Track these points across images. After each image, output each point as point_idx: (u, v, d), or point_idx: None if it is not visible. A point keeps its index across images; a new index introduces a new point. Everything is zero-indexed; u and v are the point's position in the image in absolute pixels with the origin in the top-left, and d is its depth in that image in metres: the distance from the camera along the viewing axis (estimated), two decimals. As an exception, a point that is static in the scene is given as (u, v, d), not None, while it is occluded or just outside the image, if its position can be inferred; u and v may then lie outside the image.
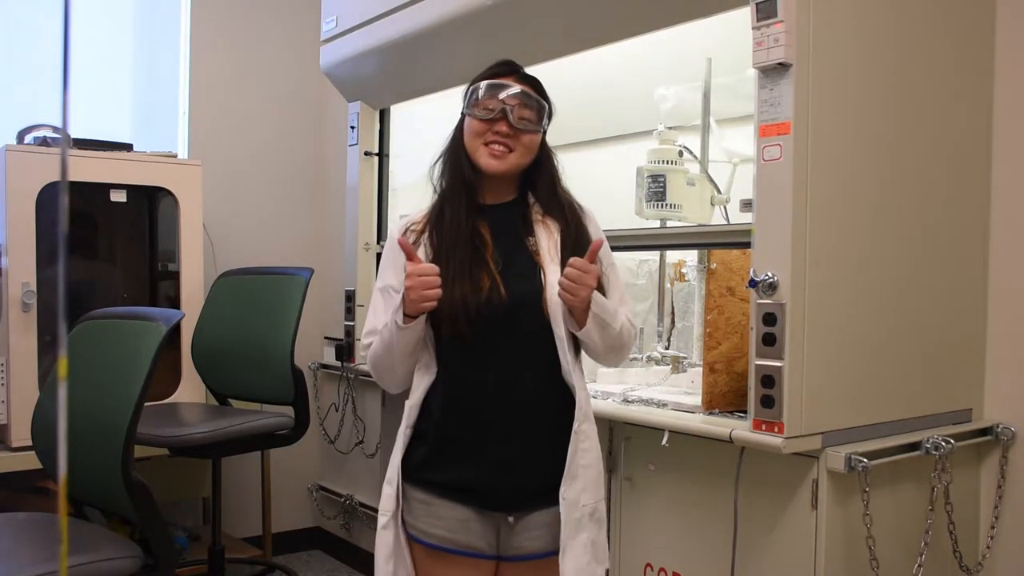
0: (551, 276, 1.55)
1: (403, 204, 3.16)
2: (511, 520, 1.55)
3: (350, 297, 3.16)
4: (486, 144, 1.57)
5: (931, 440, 1.80)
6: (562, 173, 1.67)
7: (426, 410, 1.57)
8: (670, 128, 2.35)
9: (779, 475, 1.77)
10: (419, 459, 1.57)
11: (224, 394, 3.03)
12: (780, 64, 1.66)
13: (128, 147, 3.04)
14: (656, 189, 2.26)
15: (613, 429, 2.11)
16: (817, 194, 1.69)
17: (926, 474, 1.82)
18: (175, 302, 3.10)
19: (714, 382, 1.94)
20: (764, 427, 1.69)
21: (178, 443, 2.51)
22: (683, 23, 2.04)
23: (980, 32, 2.03)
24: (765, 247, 1.71)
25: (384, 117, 3.19)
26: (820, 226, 1.70)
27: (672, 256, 2.47)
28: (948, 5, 1.97)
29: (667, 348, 2.40)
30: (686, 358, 2.31)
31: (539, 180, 1.64)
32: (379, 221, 3.20)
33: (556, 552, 1.54)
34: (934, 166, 1.95)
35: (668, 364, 2.34)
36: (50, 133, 2.85)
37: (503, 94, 1.57)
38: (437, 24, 2.52)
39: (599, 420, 1.68)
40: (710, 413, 1.93)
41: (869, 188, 1.81)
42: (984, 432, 1.97)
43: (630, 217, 2.36)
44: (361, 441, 3.49)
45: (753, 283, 1.69)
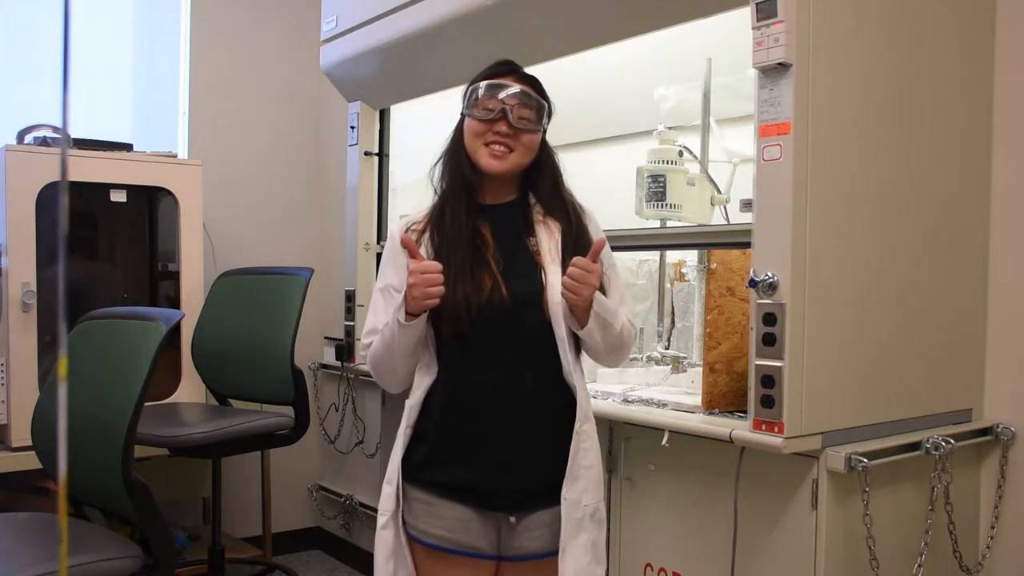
0: (552, 277, 1.55)
1: (403, 204, 3.16)
2: (512, 520, 1.55)
3: (350, 297, 3.16)
4: (486, 144, 1.57)
5: (931, 440, 1.80)
6: (564, 172, 1.67)
7: (427, 410, 1.57)
8: (670, 128, 2.35)
9: (779, 475, 1.77)
10: (419, 459, 1.57)
11: (224, 394, 3.03)
12: (780, 64, 1.66)
13: (128, 147, 3.04)
14: (656, 189, 2.26)
15: (613, 429, 2.11)
16: (817, 194, 1.69)
17: (926, 474, 1.82)
18: (175, 302, 3.10)
19: (714, 382, 1.94)
20: (764, 427, 1.69)
21: (178, 443, 2.52)
22: (683, 23, 2.04)
23: (980, 32, 2.03)
24: (765, 247, 1.71)
25: (384, 117, 3.19)
26: (820, 226, 1.70)
27: (672, 256, 2.47)
28: (948, 5, 1.97)
29: (667, 348, 2.40)
30: (686, 358, 2.31)
31: (540, 180, 1.64)
32: (379, 221, 3.20)
33: (557, 552, 1.54)
34: (934, 166, 1.95)
35: (668, 364, 2.34)
36: (50, 133, 2.85)
37: (503, 94, 1.57)
38: (437, 24, 2.52)
39: (599, 420, 1.68)
40: (710, 413, 1.93)
41: (869, 188, 1.81)
42: (984, 432, 1.97)
43: (630, 217, 2.36)
44: (361, 441, 3.49)
45: (753, 283, 1.69)
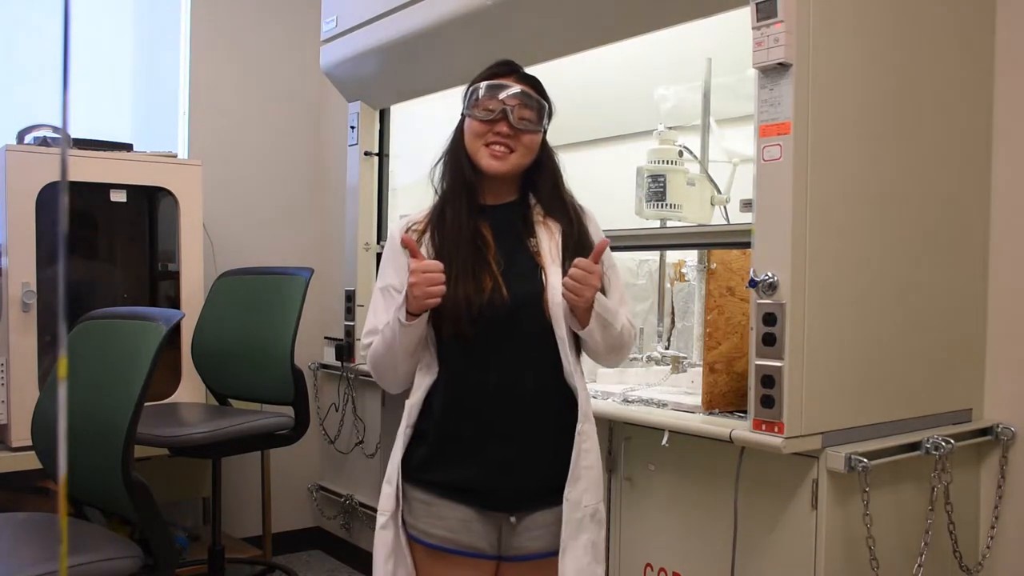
0: (552, 277, 1.55)
1: (403, 204, 3.16)
2: (513, 520, 1.55)
3: (350, 297, 3.16)
4: (487, 145, 1.57)
5: (931, 440, 1.80)
6: (564, 173, 1.67)
7: (427, 410, 1.57)
8: (670, 128, 2.35)
9: (779, 475, 1.77)
10: (420, 459, 1.57)
11: (224, 394, 3.03)
12: (780, 64, 1.66)
13: (128, 147, 3.04)
14: (656, 189, 2.26)
15: (613, 429, 2.11)
16: (817, 194, 1.69)
17: (926, 474, 1.82)
18: (175, 302, 3.10)
19: (714, 382, 1.94)
20: (764, 427, 1.69)
21: (178, 443, 2.52)
22: (683, 23, 2.05)
23: (980, 32, 2.03)
24: (765, 247, 1.71)
25: (384, 117, 3.19)
26: (820, 226, 1.70)
27: (672, 256, 2.47)
28: (948, 5, 1.97)
29: (667, 348, 2.40)
30: (686, 358, 2.31)
31: (540, 180, 1.64)
32: (379, 221, 3.20)
33: (557, 552, 1.54)
34: (934, 166, 1.95)
35: (668, 364, 2.34)
36: (50, 133, 2.85)
37: (503, 94, 1.57)
38: (437, 24, 2.52)
39: (599, 420, 1.68)
40: (710, 413, 1.93)
41: (869, 188, 1.81)
42: (984, 432, 1.97)
43: (630, 217, 2.36)
44: (361, 441, 3.49)
45: (753, 283, 1.69)
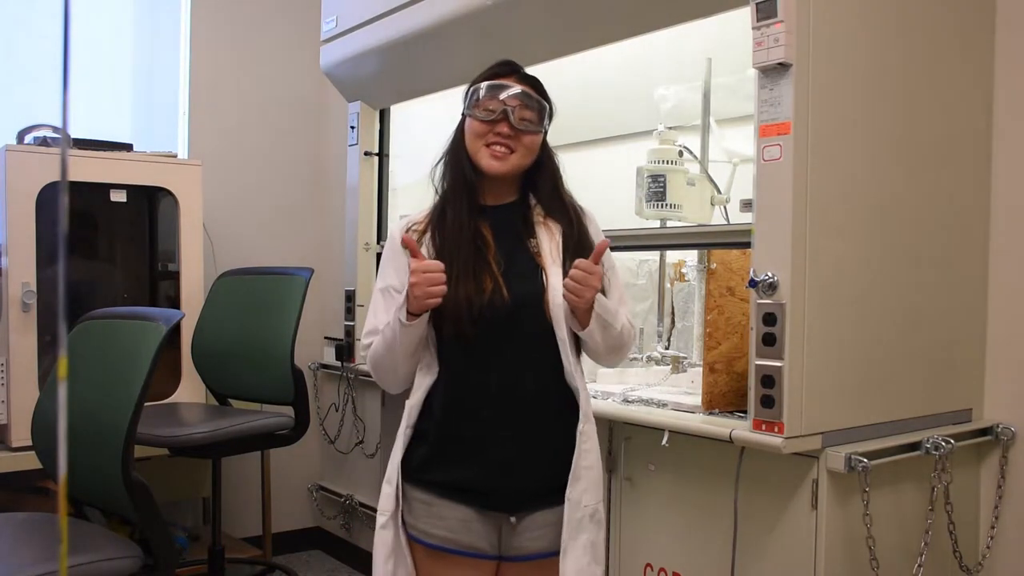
0: (553, 278, 1.55)
1: (403, 204, 3.16)
2: (513, 520, 1.55)
3: (350, 297, 3.16)
4: (487, 145, 1.57)
5: (931, 440, 1.80)
6: (564, 174, 1.67)
7: (427, 410, 1.57)
8: (670, 128, 2.35)
9: (779, 475, 1.77)
10: (420, 459, 1.57)
11: (224, 394, 3.03)
12: (780, 64, 1.66)
13: (128, 147, 3.04)
14: (656, 189, 2.26)
15: (613, 429, 2.11)
16: (817, 194, 1.69)
17: (926, 474, 1.82)
18: (175, 302, 3.10)
19: (714, 382, 1.94)
20: (764, 427, 1.69)
21: (178, 443, 2.51)
22: (683, 23, 2.05)
23: (980, 32, 2.03)
24: (765, 247, 1.71)
25: (384, 117, 3.19)
26: (820, 226, 1.70)
27: (672, 256, 2.47)
28: (948, 5, 1.97)
29: (667, 348, 2.40)
30: (686, 358, 2.31)
31: (540, 181, 1.64)
32: (379, 221, 3.21)
33: (558, 552, 1.54)
34: (934, 166, 1.95)
35: (668, 364, 2.34)
36: (50, 133, 2.85)
37: (504, 95, 1.57)
38: (437, 24, 2.52)
39: (599, 420, 1.68)
40: (710, 413, 1.93)
41: (869, 188, 1.81)
42: (984, 432, 1.97)
43: (630, 217, 2.36)
44: (361, 441, 3.49)
45: (753, 283, 1.69)
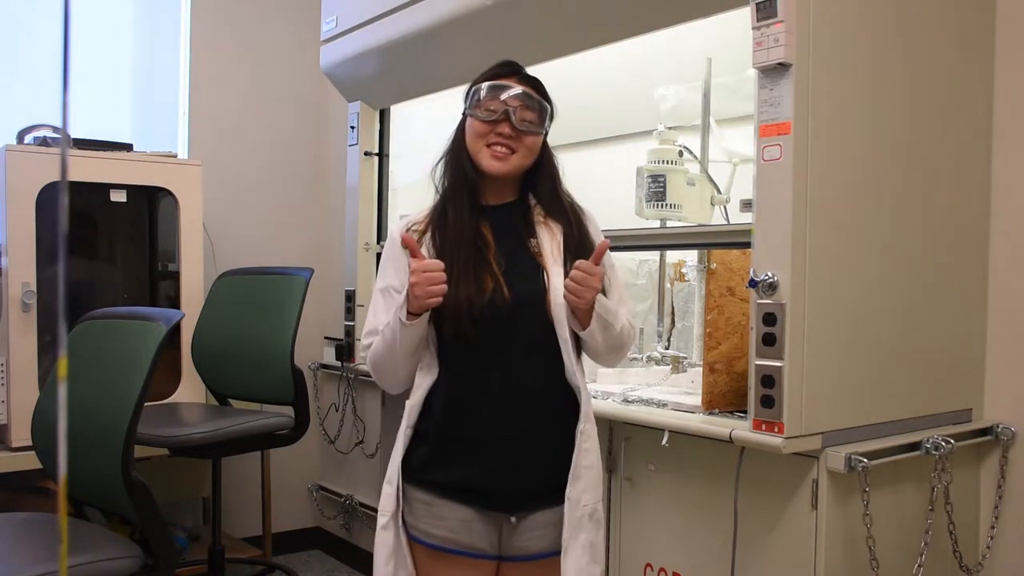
0: (555, 278, 1.55)
1: (403, 204, 3.16)
2: (513, 520, 1.55)
3: (350, 297, 3.16)
4: (488, 145, 1.57)
5: (931, 440, 1.80)
6: (562, 174, 1.67)
7: (427, 410, 1.57)
8: (670, 128, 2.35)
9: (779, 475, 1.77)
10: (420, 459, 1.57)
11: (224, 394, 3.03)
12: (780, 64, 1.66)
13: (128, 147, 3.04)
14: (656, 189, 2.26)
15: (613, 429, 2.11)
16: (817, 194, 1.69)
17: (926, 474, 1.82)
18: (175, 302, 3.10)
19: (714, 382, 1.94)
20: (764, 427, 1.69)
21: (178, 443, 2.52)
22: (683, 23, 2.05)
23: (980, 32, 2.03)
24: (765, 247, 1.71)
25: (384, 117, 3.19)
26: (820, 226, 1.70)
27: (672, 256, 2.47)
28: (948, 5, 1.97)
29: (667, 348, 2.40)
30: (686, 358, 2.31)
31: (540, 181, 1.64)
32: (379, 221, 3.20)
33: (558, 552, 1.54)
34: (934, 166, 1.95)
35: (668, 364, 2.34)
36: (50, 133, 2.85)
37: (505, 95, 1.57)
38: (437, 24, 2.52)
39: (599, 420, 1.68)
40: (710, 413, 1.93)
41: (869, 188, 1.81)
42: (984, 432, 1.97)
43: (630, 217, 2.36)
44: (361, 441, 3.49)
45: (753, 283, 1.69)
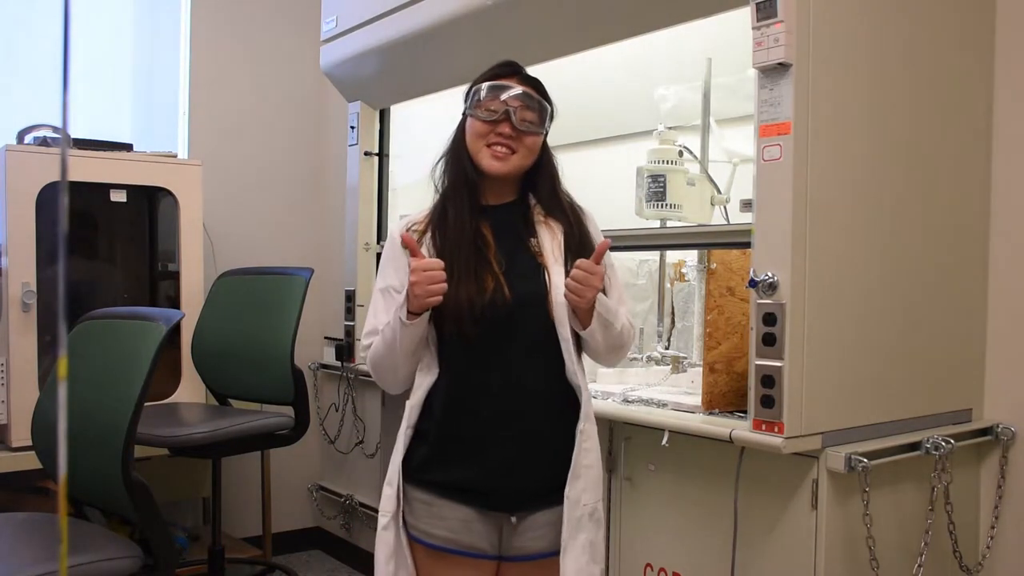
0: (556, 278, 1.55)
1: (403, 204, 3.16)
2: (514, 520, 1.55)
3: (350, 297, 3.16)
4: (489, 145, 1.57)
5: (931, 440, 1.80)
6: (561, 174, 1.67)
7: (428, 410, 1.57)
8: (670, 128, 2.35)
9: (779, 475, 1.77)
10: (420, 459, 1.57)
11: (224, 394, 3.03)
12: (780, 64, 1.66)
13: (128, 147, 3.04)
14: (656, 189, 2.26)
15: (613, 429, 2.11)
16: (817, 194, 1.69)
17: (926, 474, 1.82)
18: (175, 302, 3.10)
19: (714, 382, 1.94)
20: (764, 427, 1.69)
21: (178, 443, 2.52)
22: (683, 23, 2.05)
23: (980, 31, 2.03)
24: (765, 247, 1.71)
25: (384, 117, 3.19)
26: (820, 226, 1.70)
27: (672, 256, 2.47)
28: (948, 5, 1.97)
29: (667, 348, 2.40)
30: (686, 358, 2.31)
31: (540, 181, 1.64)
32: (379, 221, 3.20)
33: (558, 552, 1.54)
34: (934, 166, 1.95)
35: (668, 364, 2.34)
36: (50, 133, 2.85)
37: (505, 95, 1.57)
38: (437, 24, 2.52)
39: (599, 420, 1.68)
40: (710, 413, 1.93)
41: (869, 188, 1.81)
42: (984, 432, 1.97)
43: (630, 217, 2.36)
44: (361, 441, 3.49)
45: (753, 283, 1.69)
